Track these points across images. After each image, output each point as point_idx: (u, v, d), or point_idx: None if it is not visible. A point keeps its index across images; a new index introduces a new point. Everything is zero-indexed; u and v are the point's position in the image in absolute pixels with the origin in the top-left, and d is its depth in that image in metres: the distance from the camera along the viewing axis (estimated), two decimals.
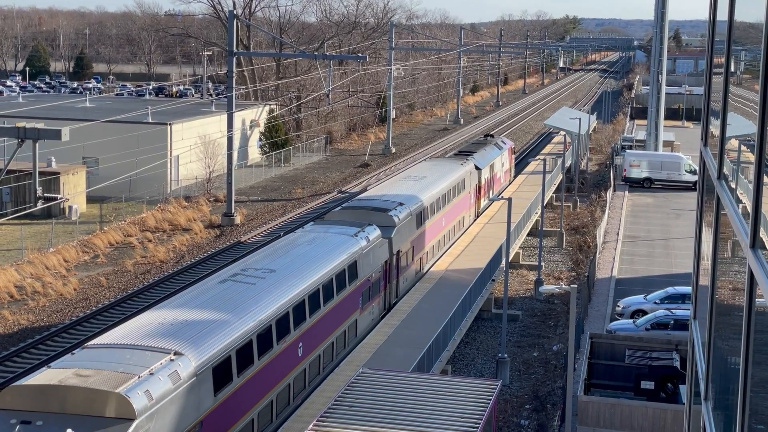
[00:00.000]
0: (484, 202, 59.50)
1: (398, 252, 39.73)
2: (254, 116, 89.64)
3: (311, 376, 30.22)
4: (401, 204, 41.97)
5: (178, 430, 21.56)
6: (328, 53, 74.89)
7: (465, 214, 54.30)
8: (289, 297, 28.72)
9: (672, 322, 39.21)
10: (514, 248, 51.48)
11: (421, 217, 43.63)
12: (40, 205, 38.08)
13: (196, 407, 22.46)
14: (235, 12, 65.13)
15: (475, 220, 57.02)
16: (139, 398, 20.27)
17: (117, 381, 20.57)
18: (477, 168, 57.42)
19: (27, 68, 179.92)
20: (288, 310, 28.34)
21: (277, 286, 28.86)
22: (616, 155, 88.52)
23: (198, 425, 22.44)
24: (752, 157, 9.25)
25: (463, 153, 60.58)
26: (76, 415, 19.87)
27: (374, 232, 37.30)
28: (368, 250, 36.09)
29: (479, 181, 57.86)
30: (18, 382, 21.00)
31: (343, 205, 44.02)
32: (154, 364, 21.62)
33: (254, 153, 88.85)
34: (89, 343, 23.78)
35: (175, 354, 22.42)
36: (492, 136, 73.16)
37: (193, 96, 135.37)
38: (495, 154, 64.42)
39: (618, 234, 61.65)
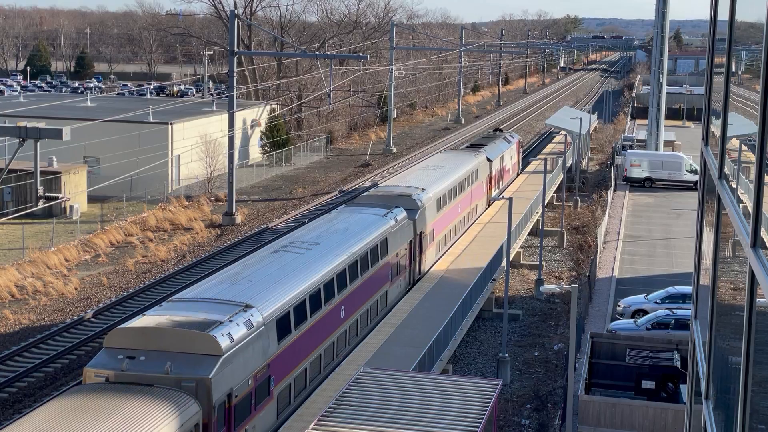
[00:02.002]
0: (495, 192, 62.56)
1: (421, 233, 42.95)
2: (255, 116, 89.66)
3: (350, 336, 33.78)
4: (423, 189, 44.88)
5: (252, 368, 25.13)
6: (329, 53, 74.96)
7: (478, 202, 57.32)
8: (333, 265, 32.40)
9: (673, 321, 39.21)
10: (515, 248, 51.50)
11: (440, 203, 46.68)
12: (41, 205, 38.12)
13: (265, 351, 26.04)
14: (236, 11, 65.12)
15: (486, 209, 59.76)
16: (223, 339, 23.91)
17: (204, 324, 24.33)
18: (488, 160, 60.42)
19: (28, 68, 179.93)
20: (333, 276, 31.96)
21: (322, 256, 32.45)
22: (617, 155, 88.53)
23: (266, 367, 26.05)
24: (753, 157, 9.26)
25: (475, 146, 63.76)
26: (172, 352, 23.45)
27: (401, 214, 40.72)
28: (396, 229, 39.54)
29: (490, 172, 60.91)
30: (121, 326, 24.68)
31: (370, 190, 47.65)
32: (231, 313, 25.36)
33: (255, 152, 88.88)
34: (173, 297, 27.83)
35: (246, 306, 26.10)
36: (501, 130, 76.14)
37: (194, 95, 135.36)
38: (504, 147, 67.31)
39: (619, 234, 61.66)
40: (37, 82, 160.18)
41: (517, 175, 73.60)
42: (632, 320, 40.95)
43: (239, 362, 24.34)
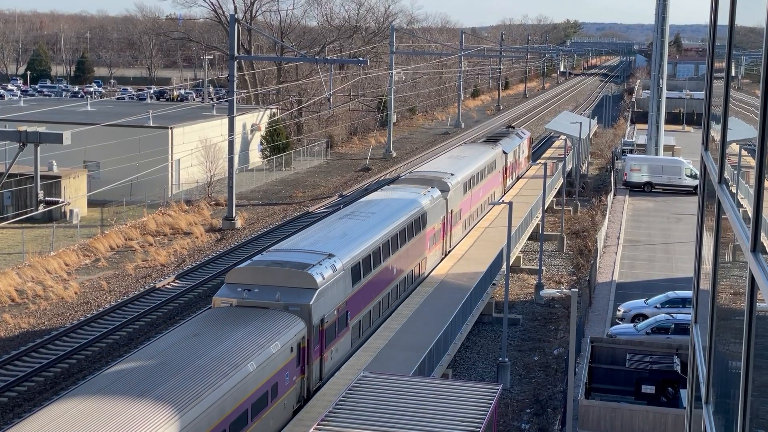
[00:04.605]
0: (509, 182, 69.02)
1: (451, 211, 49.10)
2: (255, 120, 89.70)
3: (399, 291, 40.12)
4: (452, 174, 50.66)
5: (336, 302, 31.72)
6: (329, 57, 74.95)
7: (495, 189, 63.27)
8: (389, 230, 38.69)
9: (673, 326, 39.20)
10: (515, 252, 51.50)
11: (465, 187, 52.75)
12: (41, 209, 38.11)
13: (344, 291, 32.69)
14: (236, 16, 65.16)
15: (502, 197, 64.79)
16: (317, 276, 30.74)
17: (302, 265, 31.20)
18: (504, 152, 66.45)
19: (28, 72, 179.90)
20: (388, 239, 38.22)
21: (379, 223, 38.77)
22: (617, 159, 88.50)
23: (345, 303, 32.68)
24: (753, 162, 9.27)
25: (491, 140, 70.14)
26: (280, 286, 30.26)
27: (436, 193, 46.80)
28: (433, 205, 45.50)
29: (506, 163, 66.99)
30: (238, 267, 31.82)
31: (407, 173, 55.33)
32: (319, 259, 32.12)
33: (255, 157, 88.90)
34: (270, 248, 35.64)
35: (329, 255, 32.82)
36: (513, 127, 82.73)
37: (194, 100, 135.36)
38: (517, 141, 73.24)
39: (619, 238, 61.65)
40: (37, 86, 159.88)
41: (528, 168, 79.07)
42: (632, 325, 40.93)
43: (328, 296, 31.06)
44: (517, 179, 72.93)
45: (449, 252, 49.04)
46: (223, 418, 23.52)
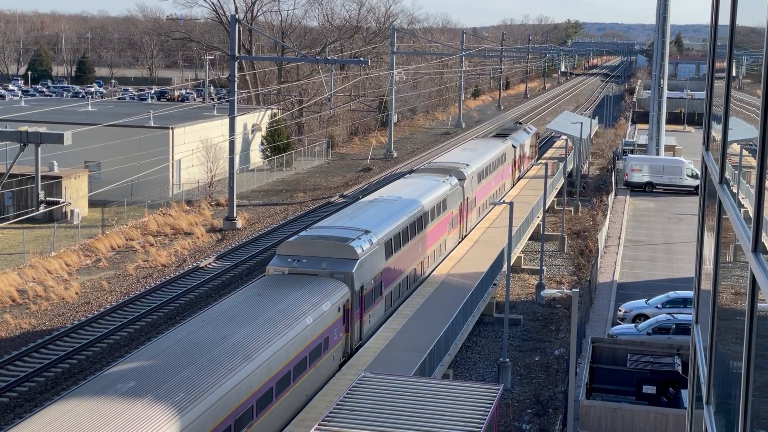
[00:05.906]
0: (518, 174, 73.22)
1: (467, 198, 52.87)
2: (256, 120, 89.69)
3: (424, 268, 43.87)
4: (467, 165, 54.67)
5: (372, 273, 35.71)
6: (329, 57, 74.97)
7: (505, 181, 67.29)
8: (415, 211, 42.67)
9: (674, 326, 39.18)
10: (516, 252, 51.50)
11: (479, 177, 56.59)
12: (42, 210, 38.11)
13: (379, 262, 36.75)
14: (237, 16, 65.16)
15: (512, 187, 69.40)
16: (358, 248, 34.88)
17: (344, 239, 35.26)
18: (513, 146, 70.39)
19: (29, 72, 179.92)
20: (414, 219, 42.11)
21: (406, 205, 42.78)
22: (618, 159, 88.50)
23: (380, 274, 36.69)
24: (754, 162, 9.25)
25: (501, 134, 74.11)
26: (325, 256, 34.35)
27: (454, 180, 50.81)
28: (451, 192, 49.40)
29: (515, 156, 70.98)
30: (288, 240, 36.00)
31: (424, 164, 59.88)
32: (358, 234, 36.20)
33: (256, 157, 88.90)
34: (312, 226, 39.71)
35: (366, 231, 36.94)
36: (521, 123, 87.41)
37: (195, 100, 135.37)
38: (525, 136, 77.11)
39: (620, 238, 61.63)
40: (42, 86, 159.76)
41: (535, 163, 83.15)
42: (633, 325, 40.91)
43: (366, 266, 34.99)
44: (525, 172, 76.77)
45: (465, 236, 52.75)
46: (288, 362, 27.38)
